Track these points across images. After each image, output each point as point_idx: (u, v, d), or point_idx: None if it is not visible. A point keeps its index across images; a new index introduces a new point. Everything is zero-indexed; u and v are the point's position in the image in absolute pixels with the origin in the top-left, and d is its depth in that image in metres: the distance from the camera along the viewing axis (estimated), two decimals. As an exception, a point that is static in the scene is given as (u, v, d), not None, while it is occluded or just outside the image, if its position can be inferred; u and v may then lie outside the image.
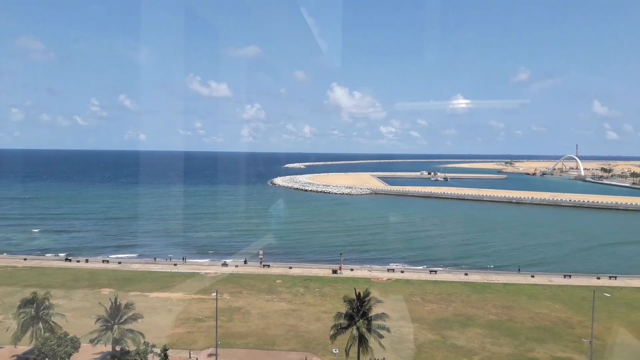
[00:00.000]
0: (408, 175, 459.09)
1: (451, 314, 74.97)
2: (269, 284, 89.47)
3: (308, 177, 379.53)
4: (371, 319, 52.41)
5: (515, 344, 63.13)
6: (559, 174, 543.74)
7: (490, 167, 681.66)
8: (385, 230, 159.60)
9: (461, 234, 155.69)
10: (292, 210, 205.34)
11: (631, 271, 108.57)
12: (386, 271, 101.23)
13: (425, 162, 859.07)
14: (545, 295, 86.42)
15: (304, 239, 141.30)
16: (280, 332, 65.79)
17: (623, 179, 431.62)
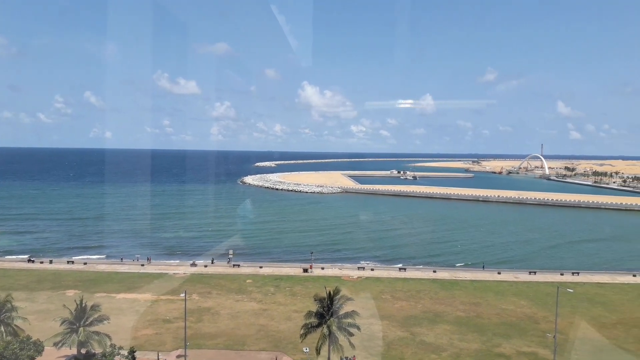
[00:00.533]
0: (378, 174, 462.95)
1: (420, 311, 75.94)
2: (239, 284, 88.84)
3: (279, 176, 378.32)
4: (342, 317, 52.62)
5: (483, 340, 64.38)
6: (525, 172, 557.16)
7: (458, 166, 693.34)
8: (356, 229, 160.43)
9: (430, 232, 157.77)
10: (262, 209, 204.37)
11: (593, 267, 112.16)
12: (357, 269, 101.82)
13: (395, 161, 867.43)
14: (511, 291, 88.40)
15: (274, 238, 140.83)
16: (250, 332, 65.42)
17: (585, 178, 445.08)
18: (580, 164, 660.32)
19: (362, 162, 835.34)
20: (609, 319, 74.04)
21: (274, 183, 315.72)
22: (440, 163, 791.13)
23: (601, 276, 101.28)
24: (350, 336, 51.51)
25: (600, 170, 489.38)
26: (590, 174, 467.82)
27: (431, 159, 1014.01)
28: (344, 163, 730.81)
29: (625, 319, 73.92)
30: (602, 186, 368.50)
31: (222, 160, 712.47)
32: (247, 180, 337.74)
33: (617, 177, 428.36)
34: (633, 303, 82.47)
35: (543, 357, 58.75)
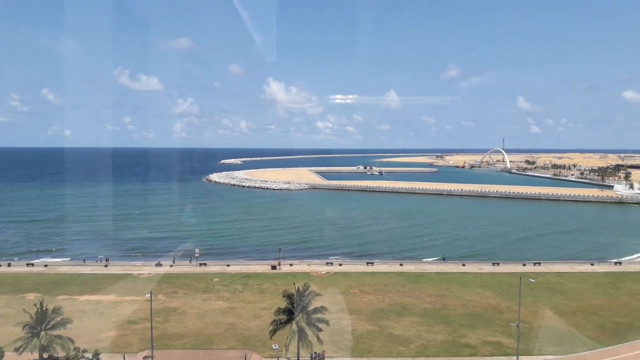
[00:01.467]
0: (345, 170, 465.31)
1: (388, 304, 76.79)
2: (205, 283, 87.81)
3: (245, 173, 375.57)
4: (311, 312, 52.72)
5: (449, 331, 65.61)
6: (487, 166, 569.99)
7: (422, 160, 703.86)
8: (323, 225, 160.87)
9: (397, 226, 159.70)
10: (229, 206, 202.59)
11: (553, 257, 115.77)
12: (325, 265, 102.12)
13: (361, 156, 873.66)
14: (476, 282, 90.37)
15: (242, 236, 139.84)
16: (218, 331, 64.80)
17: (545, 171, 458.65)
18: (540, 157, 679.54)
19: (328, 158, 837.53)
20: (569, 307, 76.60)
21: (240, 180, 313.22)
22: (406, 158, 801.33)
23: (561, 266, 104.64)
24: (319, 331, 51.69)
25: (559, 163, 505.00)
26: (549, 167, 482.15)
27: (396, 154, 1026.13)
28: (310, 159, 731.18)
29: (584, 307, 76.62)
30: (561, 178, 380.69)
31: (186, 158, 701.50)
32: (212, 177, 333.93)
33: (575, 169, 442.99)
34: (591, 291, 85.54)
35: (507, 346, 60.32)
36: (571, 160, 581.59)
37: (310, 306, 53.21)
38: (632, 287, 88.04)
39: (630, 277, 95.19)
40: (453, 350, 59.44)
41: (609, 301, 79.59)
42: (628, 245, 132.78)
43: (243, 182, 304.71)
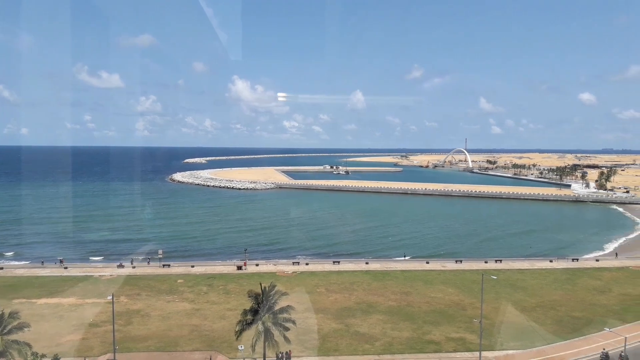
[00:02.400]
0: (312, 169, 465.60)
1: (354, 302, 77.24)
2: (169, 284, 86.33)
3: (210, 172, 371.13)
4: (277, 312, 52.49)
5: (414, 328, 66.51)
6: (450, 166, 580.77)
7: (387, 160, 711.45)
8: (290, 224, 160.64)
9: (363, 225, 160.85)
10: (193, 207, 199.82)
11: (514, 254, 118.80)
12: (292, 264, 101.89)
13: (327, 156, 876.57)
14: (440, 280, 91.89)
15: (207, 237, 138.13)
16: (183, 333, 63.79)
17: (506, 170, 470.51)
18: (501, 157, 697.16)
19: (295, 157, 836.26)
20: (529, 302, 78.78)
21: (205, 180, 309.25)
22: (371, 158, 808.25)
23: (521, 263, 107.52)
24: (285, 331, 51.52)
25: (519, 163, 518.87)
26: (510, 166, 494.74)
27: (362, 154, 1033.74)
28: (277, 159, 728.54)
29: (543, 302, 78.96)
30: (521, 178, 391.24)
31: (149, 157, 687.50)
32: (176, 177, 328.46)
33: (535, 169, 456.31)
34: (550, 287, 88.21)
35: (470, 341, 61.57)
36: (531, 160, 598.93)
37: (276, 306, 52.96)
38: (588, 282, 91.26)
39: (586, 273, 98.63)
40: (418, 347, 60.29)
41: (567, 296, 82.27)
42: (584, 242, 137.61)
43: (208, 181, 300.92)
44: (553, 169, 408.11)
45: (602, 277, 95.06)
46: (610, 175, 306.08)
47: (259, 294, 53.02)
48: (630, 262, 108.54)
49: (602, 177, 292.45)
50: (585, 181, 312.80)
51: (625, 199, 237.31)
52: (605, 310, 75.06)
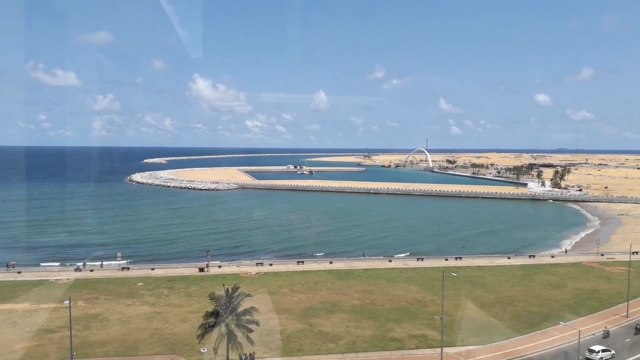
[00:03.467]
0: (275, 169, 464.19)
1: (318, 302, 77.28)
2: (129, 288, 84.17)
3: (170, 173, 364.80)
4: (240, 314, 51.93)
5: (377, 326, 67.06)
6: (411, 165, 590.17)
7: (350, 160, 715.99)
8: (253, 225, 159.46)
9: (327, 225, 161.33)
10: (153, 208, 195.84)
11: (473, 252, 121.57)
12: (255, 265, 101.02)
13: (291, 156, 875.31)
14: (402, 277, 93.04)
15: (167, 238, 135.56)
16: (143, 337, 62.29)
17: (465, 170, 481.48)
18: (460, 156, 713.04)
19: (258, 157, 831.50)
20: (489, 298, 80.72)
21: (165, 180, 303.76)
22: (335, 158, 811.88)
23: (480, 260, 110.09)
24: (249, 333, 51.02)
25: (477, 162, 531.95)
26: (469, 166, 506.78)
27: (326, 153, 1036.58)
28: (239, 158, 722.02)
29: (502, 298, 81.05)
30: (479, 177, 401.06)
31: (106, 157, 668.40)
32: (135, 178, 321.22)
33: (492, 168, 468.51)
34: (508, 283, 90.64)
35: (432, 338, 62.54)
36: (489, 159, 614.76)
37: (239, 308, 52.38)
38: (544, 278, 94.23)
39: (542, 269, 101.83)
40: (381, 345, 60.81)
41: (524, 292, 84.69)
42: (540, 239, 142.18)
43: (168, 182, 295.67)
44: (510, 168, 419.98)
45: (557, 272, 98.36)
46: (564, 174, 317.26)
47: (222, 296, 52.33)
48: (583, 258, 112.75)
49: (557, 176, 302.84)
50: (541, 180, 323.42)
51: (579, 197, 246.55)
52: (560, 305, 77.66)
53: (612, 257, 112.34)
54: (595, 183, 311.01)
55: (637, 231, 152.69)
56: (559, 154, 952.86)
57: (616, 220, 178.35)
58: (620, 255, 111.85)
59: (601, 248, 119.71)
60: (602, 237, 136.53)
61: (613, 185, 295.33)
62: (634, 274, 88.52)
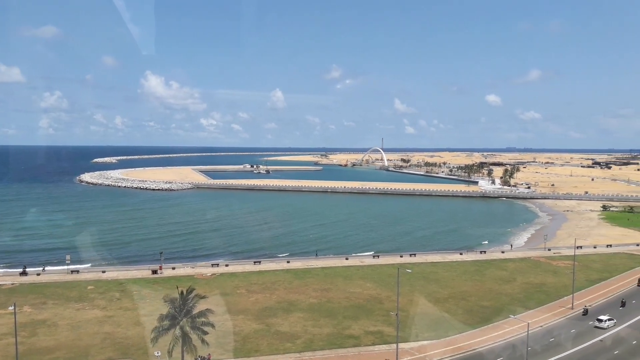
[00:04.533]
0: (231, 169, 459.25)
1: (275, 301, 77.01)
2: (79, 291, 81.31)
3: (122, 173, 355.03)
4: (195, 316, 51.08)
5: (334, 324, 67.47)
6: (367, 164, 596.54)
7: (308, 159, 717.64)
8: (209, 226, 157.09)
9: (284, 224, 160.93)
10: (104, 209, 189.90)
11: (427, 248, 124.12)
12: (211, 266, 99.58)
13: (248, 155, 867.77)
14: (358, 275, 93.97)
15: (119, 240, 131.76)
16: (94, 342, 60.31)
17: (419, 168, 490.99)
18: (415, 155, 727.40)
19: (214, 156, 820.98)
20: (442, 294, 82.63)
21: (116, 180, 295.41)
22: (292, 157, 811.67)
23: (434, 256, 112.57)
24: (204, 335, 50.25)
25: (431, 161, 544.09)
26: (422, 164, 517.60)
27: (283, 152, 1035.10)
28: (194, 158, 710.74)
29: (455, 293, 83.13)
30: (432, 175, 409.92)
31: (54, 157, 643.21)
32: (85, 178, 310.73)
33: (445, 167, 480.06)
34: (460, 278, 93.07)
35: (388, 334, 63.46)
36: (441, 158, 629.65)
37: (194, 310, 51.51)
38: (495, 273, 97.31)
39: (493, 264, 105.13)
40: (338, 342, 61.22)
41: (476, 287, 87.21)
42: (491, 235, 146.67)
43: (119, 182, 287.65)
44: (462, 167, 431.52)
45: (507, 267, 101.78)
46: (513, 172, 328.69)
47: (176, 298, 51.32)
48: (531, 253, 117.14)
49: (506, 174, 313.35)
50: (491, 178, 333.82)
51: (527, 194, 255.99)
52: (510, 299, 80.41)
53: (558, 251, 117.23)
54: (542, 181, 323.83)
55: (582, 226, 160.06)
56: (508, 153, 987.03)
57: (562, 216, 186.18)
58: (566, 249, 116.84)
59: (548, 243, 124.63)
60: (549, 233, 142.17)
61: (559, 183, 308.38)
62: (579, 268, 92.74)
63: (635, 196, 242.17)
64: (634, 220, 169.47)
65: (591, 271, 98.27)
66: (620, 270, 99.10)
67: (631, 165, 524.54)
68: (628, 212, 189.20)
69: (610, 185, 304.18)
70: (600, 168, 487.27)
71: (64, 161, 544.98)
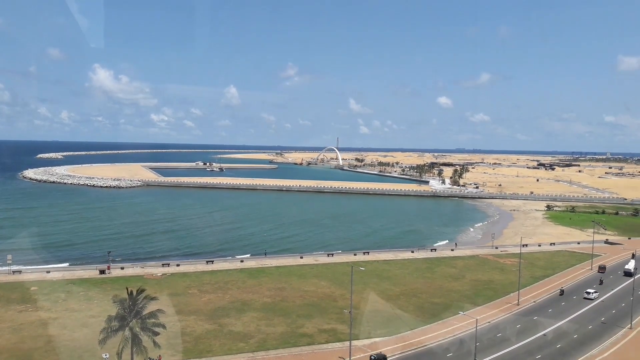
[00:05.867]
0: (183, 166, 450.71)
1: (228, 301, 76.15)
2: (21, 293, 77.70)
3: (67, 169, 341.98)
4: (145, 317, 49.83)
5: (288, 322, 67.40)
6: (322, 163, 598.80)
7: (263, 157, 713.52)
8: (158, 224, 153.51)
9: (238, 223, 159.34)
10: (47, 207, 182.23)
11: (380, 246, 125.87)
12: (161, 266, 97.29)
13: (200, 152, 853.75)
14: (313, 273, 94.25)
15: (64, 239, 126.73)
16: (38, 345, 57.81)
17: (372, 168, 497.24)
18: (368, 155, 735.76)
19: (165, 153, 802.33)
20: (394, 291, 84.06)
21: (61, 177, 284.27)
22: (246, 155, 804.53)
23: (387, 254, 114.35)
24: (155, 336, 49.12)
25: (384, 161, 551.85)
26: (376, 164, 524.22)
27: (237, 150, 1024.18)
28: (144, 154, 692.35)
29: (407, 290, 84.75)
30: (385, 175, 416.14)
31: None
32: (28, 174, 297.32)
33: (397, 167, 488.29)
34: (412, 276, 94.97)
35: (341, 332, 63.99)
36: (394, 158, 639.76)
37: (145, 310, 50.25)
38: (445, 270, 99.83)
39: (443, 262, 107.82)
40: (291, 341, 61.20)
41: (427, 284, 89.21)
42: (441, 233, 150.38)
43: (65, 179, 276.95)
44: (414, 167, 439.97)
45: (457, 265, 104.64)
46: (462, 172, 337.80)
47: (125, 299, 49.89)
48: (479, 251, 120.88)
49: (456, 174, 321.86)
50: (442, 178, 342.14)
51: (475, 194, 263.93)
52: (459, 296, 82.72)
53: (505, 249, 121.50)
54: (490, 181, 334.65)
55: (527, 225, 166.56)
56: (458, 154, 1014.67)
57: (509, 215, 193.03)
58: (512, 247, 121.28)
59: (495, 241, 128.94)
60: (496, 231, 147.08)
61: (506, 183, 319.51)
62: (524, 265, 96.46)
63: (576, 196, 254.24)
64: (575, 219, 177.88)
65: (536, 268, 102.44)
66: (562, 268, 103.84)
67: (573, 167, 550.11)
68: (570, 212, 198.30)
69: (554, 186, 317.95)
70: (545, 169, 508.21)
71: (5, 156, 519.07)
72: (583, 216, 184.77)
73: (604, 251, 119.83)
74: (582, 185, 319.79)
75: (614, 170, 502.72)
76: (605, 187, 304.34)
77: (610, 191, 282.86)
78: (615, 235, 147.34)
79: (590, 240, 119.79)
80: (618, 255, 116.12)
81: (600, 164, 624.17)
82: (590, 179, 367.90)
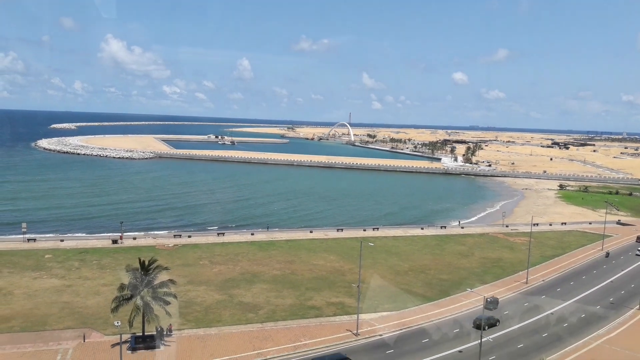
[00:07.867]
0: (195, 139, 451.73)
1: (238, 273, 77.08)
2: (36, 260, 79.28)
3: (81, 140, 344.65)
4: (157, 287, 50.70)
5: (297, 295, 68.20)
6: (334, 139, 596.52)
7: (274, 131, 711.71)
8: (171, 195, 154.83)
9: (249, 196, 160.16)
10: (62, 176, 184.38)
11: (390, 222, 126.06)
12: (173, 237, 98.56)
13: (213, 125, 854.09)
14: (322, 248, 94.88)
15: (77, 208, 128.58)
16: (52, 311, 59.17)
17: (384, 144, 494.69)
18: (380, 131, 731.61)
19: (177, 125, 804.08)
20: (402, 267, 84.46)
21: (75, 147, 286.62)
22: (258, 129, 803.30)
23: (396, 230, 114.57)
24: (166, 305, 50.03)
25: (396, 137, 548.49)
26: (388, 140, 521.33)
27: (249, 124, 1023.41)
28: (157, 126, 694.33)
29: (415, 266, 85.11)
30: (397, 151, 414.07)
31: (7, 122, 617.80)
32: (42, 144, 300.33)
33: (410, 143, 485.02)
34: (420, 252, 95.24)
35: (349, 305, 64.64)
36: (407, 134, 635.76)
37: (156, 280, 51.10)
38: (454, 247, 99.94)
39: (453, 239, 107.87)
40: (300, 313, 61.99)
41: (436, 260, 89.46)
42: (451, 210, 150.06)
43: (78, 149, 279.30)
44: (426, 144, 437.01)
45: (466, 242, 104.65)
46: (475, 150, 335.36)
47: (137, 268, 50.71)
48: (489, 229, 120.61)
49: (469, 151, 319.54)
50: (454, 155, 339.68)
51: (488, 172, 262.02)
52: (468, 273, 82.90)
53: (515, 228, 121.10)
54: (503, 159, 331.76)
55: (539, 204, 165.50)
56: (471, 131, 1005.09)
57: (520, 194, 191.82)
58: (523, 226, 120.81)
59: (506, 220, 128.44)
60: (507, 210, 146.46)
61: (519, 162, 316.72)
62: (534, 244, 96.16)
63: (590, 176, 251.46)
64: (588, 199, 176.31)
65: (546, 247, 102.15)
66: (572, 247, 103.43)
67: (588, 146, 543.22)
68: (583, 192, 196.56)
69: (568, 165, 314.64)
70: (559, 148, 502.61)
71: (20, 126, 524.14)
72: (596, 196, 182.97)
73: (616, 232, 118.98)
74: (596, 165, 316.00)
75: (630, 150, 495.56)
76: (619, 168, 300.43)
77: (625, 172, 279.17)
78: (628, 216, 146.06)
79: (602, 220, 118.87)
80: (629, 236, 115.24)
81: (616, 144, 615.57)
82: (605, 159, 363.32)
